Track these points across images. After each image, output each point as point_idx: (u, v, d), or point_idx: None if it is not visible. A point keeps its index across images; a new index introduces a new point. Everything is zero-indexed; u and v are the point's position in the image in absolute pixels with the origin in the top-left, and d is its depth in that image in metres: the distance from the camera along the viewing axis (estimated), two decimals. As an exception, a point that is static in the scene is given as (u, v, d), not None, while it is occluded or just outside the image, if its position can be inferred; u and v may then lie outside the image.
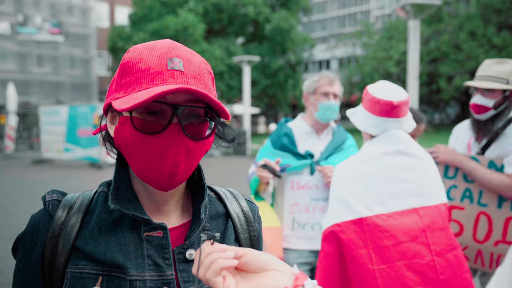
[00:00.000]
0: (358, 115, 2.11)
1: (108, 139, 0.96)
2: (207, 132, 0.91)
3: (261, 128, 38.25)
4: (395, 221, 1.88)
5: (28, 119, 29.16)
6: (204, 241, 0.75)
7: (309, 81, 2.71)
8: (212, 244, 0.75)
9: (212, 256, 0.73)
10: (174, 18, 27.07)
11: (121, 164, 0.95)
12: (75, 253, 0.88)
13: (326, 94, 2.58)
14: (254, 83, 29.45)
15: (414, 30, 9.81)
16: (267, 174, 2.43)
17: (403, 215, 1.90)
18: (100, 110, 17.10)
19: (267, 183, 2.53)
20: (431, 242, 1.87)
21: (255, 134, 33.21)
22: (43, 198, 0.94)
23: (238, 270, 0.74)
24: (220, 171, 14.01)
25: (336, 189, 2.02)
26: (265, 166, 2.43)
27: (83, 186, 11.43)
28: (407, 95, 2.01)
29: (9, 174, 14.59)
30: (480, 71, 2.55)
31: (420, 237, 1.87)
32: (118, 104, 0.83)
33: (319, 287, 0.72)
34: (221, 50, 28.06)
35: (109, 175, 14.76)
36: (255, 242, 1.07)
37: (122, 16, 36.51)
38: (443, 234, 1.92)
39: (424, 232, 1.88)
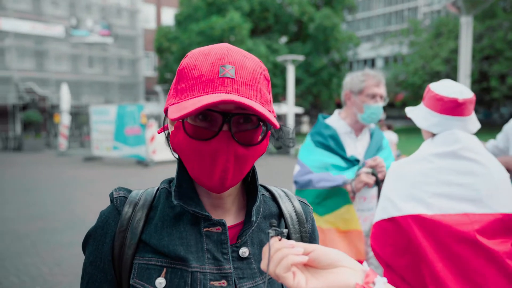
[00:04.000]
0: (418, 113, 2.01)
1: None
2: (260, 137, 0.91)
3: (305, 128, 37.99)
4: (438, 222, 1.76)
5: (79, 118, 30.48)
6: (272, 237, 0.73)
7: (353, 79, 2.53)
8: (280, 240, 0.73)
9: (282, 252, 0.72)
10: (220, 19, 27.35)
11: (182, 163, 0.97)
12: (141, 246, 0.94)
13: (373, 96, 2.44)
14: (297, 82, 29.28)
15: (467, 26, 9.41)
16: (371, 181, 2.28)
17: (449, 218, 1.76)
18: (146, 110, 17.61)
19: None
20: (486, 244, 1.69)
21: (298, 134, 33.05)
22: (111, 195, 1.00)
23: (307, 266, 0.73)
24: (263, 170, 13.95)
25: (384, 187, 1.97)
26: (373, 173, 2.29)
27: (131, 183, 11.80)
28: (472, 93, 1.89)
29: (63, 170, 15.30)
30: None
31: (468, 239, 1.71)
32: (171, 112, 0.86)
33: (389, 285, 0.70)
34: (265, 48, 28.06)
35: (155, 173, 15.06)
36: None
37: (168, 17, 37.38)
38: (503, 243, 1.73)
39: (475, 235, 1.71)
